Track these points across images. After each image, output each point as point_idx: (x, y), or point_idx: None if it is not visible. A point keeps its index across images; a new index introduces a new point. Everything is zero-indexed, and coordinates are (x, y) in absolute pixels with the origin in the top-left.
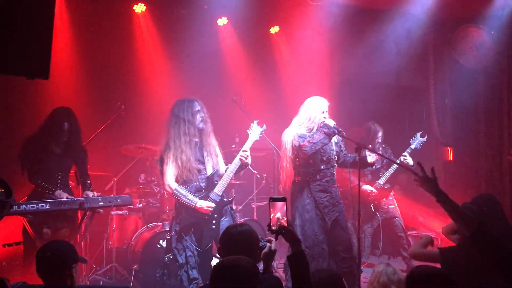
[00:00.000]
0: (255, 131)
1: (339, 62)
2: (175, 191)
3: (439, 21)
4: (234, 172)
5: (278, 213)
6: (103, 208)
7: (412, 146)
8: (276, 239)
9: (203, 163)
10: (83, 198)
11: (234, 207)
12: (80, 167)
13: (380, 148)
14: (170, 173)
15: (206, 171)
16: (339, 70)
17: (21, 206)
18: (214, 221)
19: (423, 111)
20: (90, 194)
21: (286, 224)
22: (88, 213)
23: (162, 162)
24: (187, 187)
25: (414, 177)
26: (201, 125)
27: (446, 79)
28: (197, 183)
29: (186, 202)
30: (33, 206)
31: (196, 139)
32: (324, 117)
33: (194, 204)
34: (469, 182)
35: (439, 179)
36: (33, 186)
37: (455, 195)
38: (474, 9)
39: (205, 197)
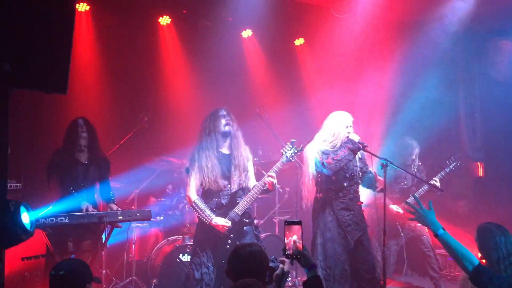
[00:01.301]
0: (289, 152)
1: (365, 75)
2: (193, 203)
3: (469, 33)
4: (258, 193)
5: (294, 236)
6: (122, 222)
7: (447, 170)
8: (291, 264)
9: (228, 178)
10: (102, 212)
11: (259, 228)
12: (102, 177)
13: (412, 167)
14: (193, 184)
15: (230, 188)
16: (365, 83)
17: (39, 219)
18: (229, 241)
19: (452, 125)
20: (114, 207)
21: (301, 248)
22: (107, 227)
23: (187, 170)
24: (207, 202)
25: (408, 209)
26: (226, 128)
27: (476, 93)
28: (219, 199)
29: (202, 217)
30: (52, 220)
31: (225, 150)
32: (348, 132)
33: (210, 221)
34: (501, 200)
35: (469, 197)
36: (60, 196)
37: (486, 213)
38: (505, 21)
39: (224, 215)
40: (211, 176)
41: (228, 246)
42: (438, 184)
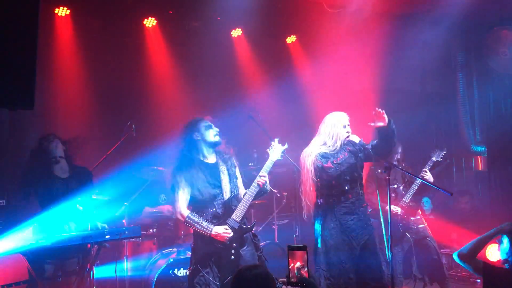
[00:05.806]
0: (276, 151)
1: (361, 70)
2: (187, 218)
3: (466, 24)
4: (252, 197)
5: (298, 263)
6: (110, 242)
7: (434, 159)
8: None
9: (219, 186)
10: (88, 232)
11: (257, 237)
12: (85, 192)
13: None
14: (182, 199)
15: (222, 196)
16: (361, 78)
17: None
18: (233, 251)
19: (451, 119)
20: (99, 225)
21: (307, 275)
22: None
23: (173, 188)
24: (202, 215)
25: None
26: (217, 138)
27: (474, 85)
28: (213, 209)
29: (200, 230)
30: (33, 243)
31: (211, 160)
32: (347, 132)
33: (209, 232)
34: (504, 194)
35: (471, 192)
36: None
37: (489, 208)
38: (505, 11)
39: (223, 224)
40: (200, 187)
41: (232, 257)
42: (428, 175)
